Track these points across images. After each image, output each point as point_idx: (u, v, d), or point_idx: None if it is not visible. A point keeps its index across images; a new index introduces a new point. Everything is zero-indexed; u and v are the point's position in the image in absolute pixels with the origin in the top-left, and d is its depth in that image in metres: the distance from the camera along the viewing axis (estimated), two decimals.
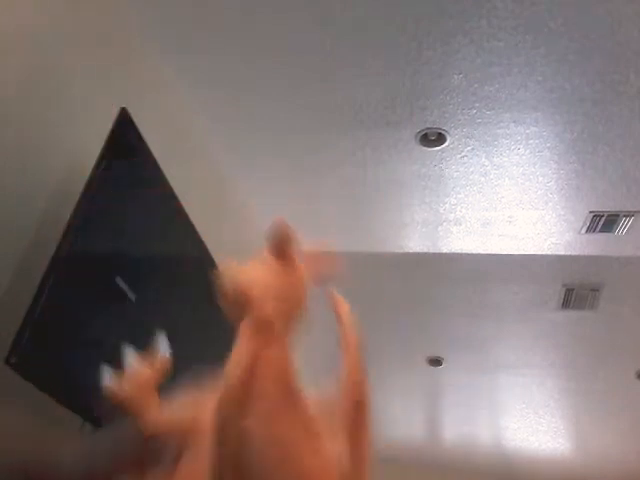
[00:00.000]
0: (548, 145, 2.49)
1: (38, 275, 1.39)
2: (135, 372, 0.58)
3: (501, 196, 2.83)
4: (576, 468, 5.73)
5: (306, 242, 0.61)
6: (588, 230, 2.95)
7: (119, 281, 1.71)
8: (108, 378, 0.57)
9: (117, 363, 0.69)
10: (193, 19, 2.12)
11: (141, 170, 1.81)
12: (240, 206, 3.10)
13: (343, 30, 2.08)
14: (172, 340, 1.94)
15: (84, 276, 1.54)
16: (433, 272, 3.49)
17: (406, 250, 3.32)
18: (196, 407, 0.62)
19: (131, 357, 0.59)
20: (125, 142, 1.70)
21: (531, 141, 2.47)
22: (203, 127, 2.64)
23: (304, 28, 2.10)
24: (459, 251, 3.28)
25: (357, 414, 0.62)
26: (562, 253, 3.16)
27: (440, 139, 2.53)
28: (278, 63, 2.26)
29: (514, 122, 2.39)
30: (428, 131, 2.50)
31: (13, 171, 1.53)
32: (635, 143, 2.42)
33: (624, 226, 2.88)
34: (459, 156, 2.62)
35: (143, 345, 1.76)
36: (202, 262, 2.19)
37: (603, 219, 2.86)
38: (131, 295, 1.78)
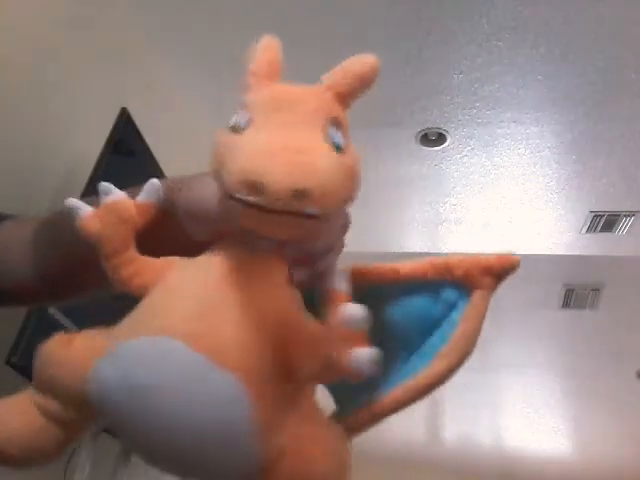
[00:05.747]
0: (548, 145, 2.49)
1: None
2: (114, 204, 0.42)
3: (501, 196, 2.83)
4: (576, 468, 5.73)
5: None
6: (588, 230, 2.95)
7: None
8: (82, 209, 0.42)
9: None
10: (193, 19, 2.12)
11: (141, 170, 1.81)
12: None
13: (343, 30, 2.08)
14: None
15: None
16: None
17: (406, 250, 3.32)
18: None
19: (108, 187, 0.43)
20: (125, 142, 1.70)
21: (531, 141, 2.47)
22: (203, 127, 2.64)
23: (304, 28, 2.10)
24: (459, 251, 3.28)
25: None
26: (562, 253, 3.16)
27: (440, 139, 2.53)
28: None
29: (514, 122, 2.39)
30: (428, 131, 2.50)
31: (13, 171, 1.53)
32: (635, 143, 2.42)
33: (624, 226, 2.88)
34: (459, 156, 2.62)
35: None
36: None
37: (603, 219, 2.86)
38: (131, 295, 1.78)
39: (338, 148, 0.35)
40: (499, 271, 0.42)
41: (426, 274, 0.42)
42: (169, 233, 0.41)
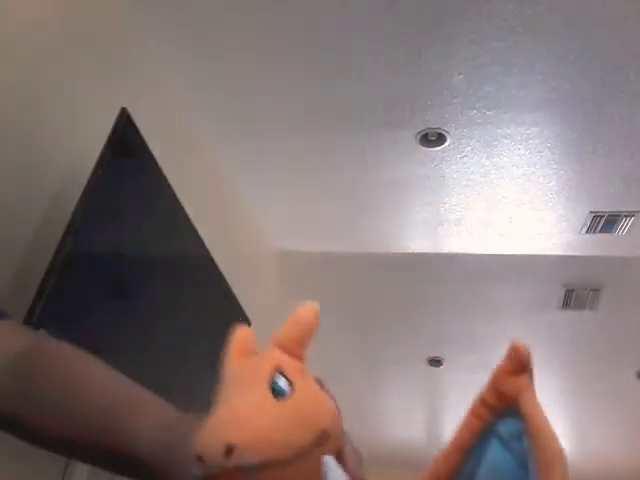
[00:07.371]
0: (548, 145, 2.49)
1: (38, 275, 1.39)
2: None
3: (501, 196, 2.83)
4: (576, 468, 5.73)
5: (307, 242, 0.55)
6: (588, 230, 2.95)
7: (120, 281, 1.71)
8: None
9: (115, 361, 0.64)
10: (193, 19, 2.12)
11: (141, 170, 1.81)
12: (240, 206, 3.10)
13: (343, 30, 2.08)
14: (171, 340, 1.94)
15: (84, 276, 1.54)
16: (433, 272, 3.48)
17: (406, 250, 3.32)
18: None
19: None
20: (125, 142, 1.70)
21: (531, 141, 2.47)
22: (203, 127, 2.64)
23: (304, 29, 2.10)
24: (459, 251, 3.28)
25: None
26: (562, 253, 3.16)
27: (440, 139, 2.53)
28: (278, 63, 2.26)
29: (514, 122, 2.39)
30: (428, 131, 2.50)
31: (13, 171, 1.53)
32: (635, 143, 2.42)
33: (624, 226, 2.88)
34: (459, 156, 2.62)
35: (143, 345, 1.76)
36: (202, 262, 2.19)
37: (603, 219, 2.86)
38: (132, 295, 1.78)
39: (281, 393, 0.42)
40: (522, 361, 0.39)
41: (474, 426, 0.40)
42: None
